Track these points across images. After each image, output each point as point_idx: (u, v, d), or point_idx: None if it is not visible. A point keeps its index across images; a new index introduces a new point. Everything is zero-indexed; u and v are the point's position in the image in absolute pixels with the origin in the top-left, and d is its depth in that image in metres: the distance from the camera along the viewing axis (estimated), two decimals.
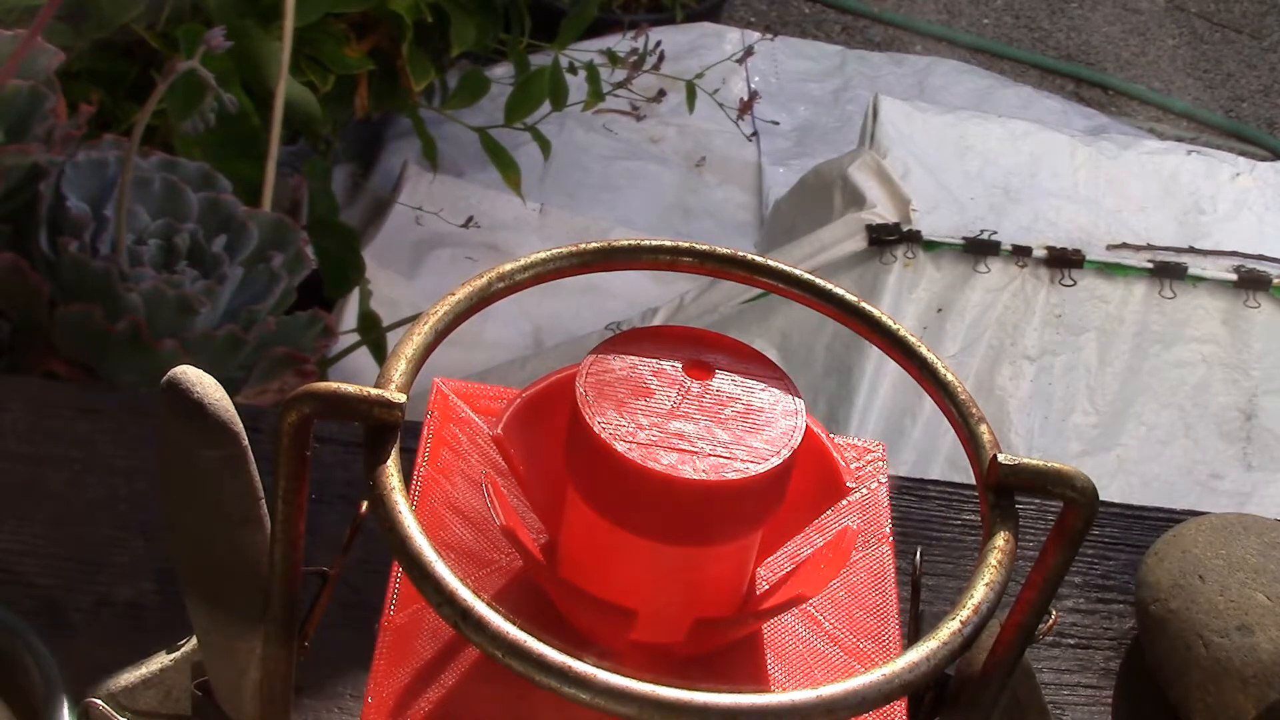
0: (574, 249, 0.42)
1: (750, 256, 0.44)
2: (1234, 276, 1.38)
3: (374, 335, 1.30)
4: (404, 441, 0.35)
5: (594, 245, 0.43)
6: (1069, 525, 0.36)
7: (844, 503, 0.45)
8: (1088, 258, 1.37)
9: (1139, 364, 1.39)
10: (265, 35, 1.23)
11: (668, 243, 0.43)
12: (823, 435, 0.43)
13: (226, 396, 0.38)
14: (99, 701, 0.47)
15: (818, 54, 2.29)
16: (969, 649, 0.34)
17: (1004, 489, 0.37)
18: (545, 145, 1.67)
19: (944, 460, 1.34)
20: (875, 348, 0.43)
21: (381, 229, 1.74)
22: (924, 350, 0.42)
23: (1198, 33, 2.72)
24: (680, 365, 0.40)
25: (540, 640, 0.31)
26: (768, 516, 0.39)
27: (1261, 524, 0.65)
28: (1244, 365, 1.38)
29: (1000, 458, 0.37)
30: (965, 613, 0.34)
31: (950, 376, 0.41)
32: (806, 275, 0.43)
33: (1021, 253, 1.36)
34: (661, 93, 1.93)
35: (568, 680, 0.30)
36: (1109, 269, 1.38)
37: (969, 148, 1.46)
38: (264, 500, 0.39)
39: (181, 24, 1.22)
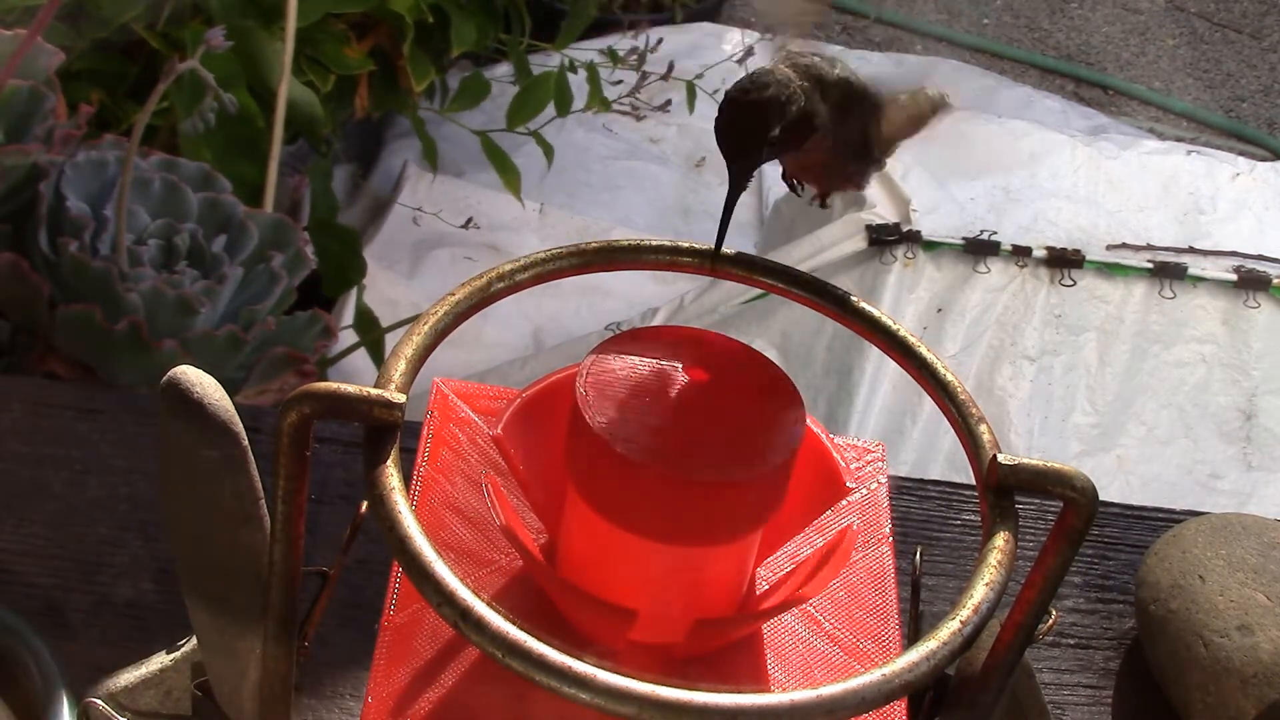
0: (574, 249, 0.42)
1: (750, 256, 0.44)
2: (1234, 276, 1.38)
3: (372, 335, 1.30)
4: (404, 441, 0.35)
5: (594, 245, 0.43)
6: (1069, 525, 0.36)
7: (844, 503, 0.45)
8: (1088, 258, 1.37)
9: (1139, 364, 1.39)
10: (266, 35, 1.23)
11: (668, 243, 0.43)
12: (823, 435, 0.43)
13: (226, 396, 0.38)
14: (99, 701, 0.47)
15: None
16: (969, 649, 0.34)
17: (1004, 489, 0.37)
18: (548, 150, 1.66)
19: (944, 460, 1.34)
20: (875, 348, 0.43)
21: (381, 229, 1.74)
22: (924, 350, 0.42)
23: (1198, 33, 2.72)
24: (680, 365, 0.40)
25: (540, 640, 0.31)
26: (768, 516, 0.39)
27: (1261, 524, 0.65)
28: (1244, 365, 1.38)
29: (1000, 458, 0.37)
30: (965, 613, 0.34)
31: (950, 376, 0.41)
32: (806, 275, 0.44)
33: (1021, 253, 1.36)
34: (668, 102, 1.93)
35: (568, 680, 0.30)
36: (1109, 269, 1.38)
37: (969, 148, 1.46)
38: (264, 500, 0.39)
39: (182, 24, 1.22)
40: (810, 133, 0.41)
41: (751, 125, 0.39)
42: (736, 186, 0.39)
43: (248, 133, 1.16)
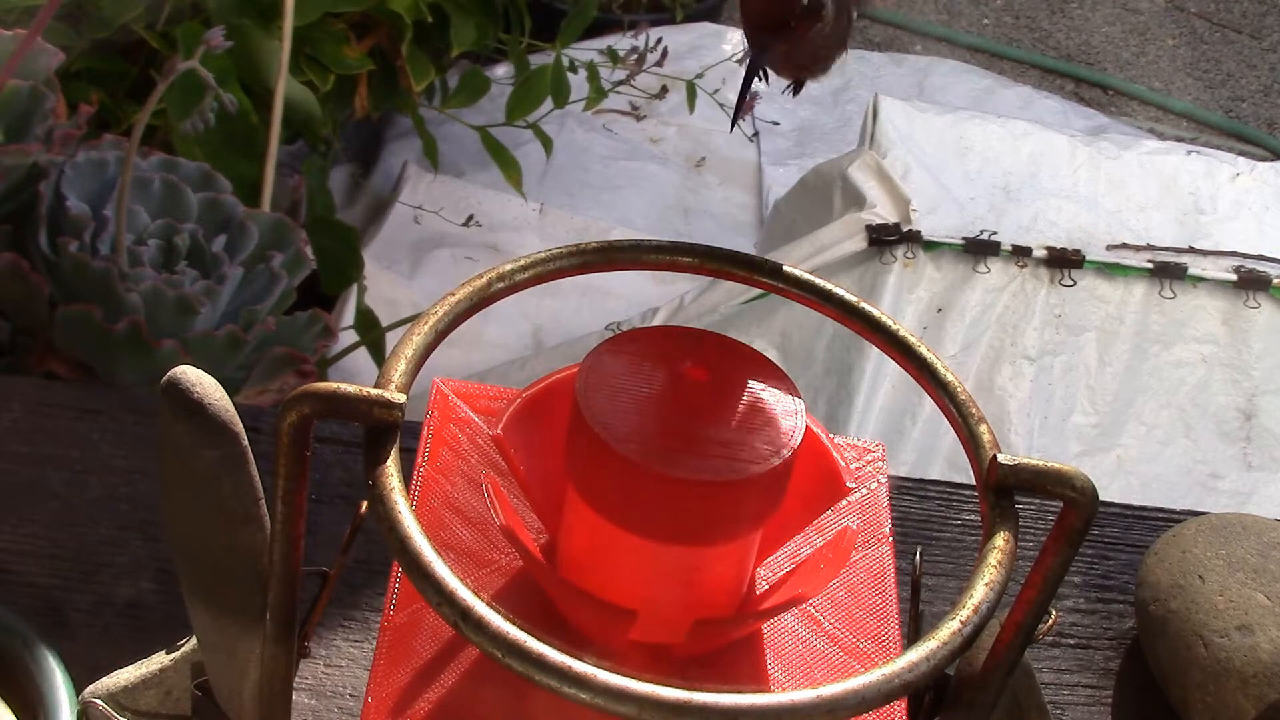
0: (574, 249, 0.42)
1: (750, 256, 0.44)
2: (1234, 276, 1.38)
3: (373, 335, 1.30)
4: (404, 441, 0.35)
5: (594, 245, 0.43)
6: (1069, 525, 0.36)
7: (844, 503, 0.45)
8: (1088, 258, 1.37)
9: (1139, 364, 1.39)
10: (265, 35, 1.23)
11: (668, 243, 0.43)
12: (823, 435, 0.43)
13: (226, 396, 0.38)
14: (99, 701, 0.47)
15: None
16: (969, 649, 0.34)
17: (1004, 489, 0.37)
18: (547, 142, 1.67)
19: (944, 460, 1.34)
20: (875, 348, 0.43)
21: (381, 229, 1.74)
22: (924, 350, 0.42)
23: (1198, 33, 2.72)
24: (680, 365, 0.40)
25: (540, 640, 0.31)
26: (768, 516, 0.39)
27: (1261, 524, 0.65)
28: (1244, 365, 1.38)
29: (1000, 458, 0.37)
30: (965, 613, 0.34)
31: (950, 376, 0.41)
32: (806, 275, 0.44)
33: (1021, 253, 1.36)
34: (664, 89, 1.93)
35: (568, 680, 0.30)
36: (1109, 269, 1.38)
37: (969, 148, 1.46)
38: (264, 500, 0.39)
39: (181, 24, 1.22)
40: (817, 21, 0.42)
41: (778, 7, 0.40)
42: (756, 63, 0.40)
43: (242, 131, 1.16)
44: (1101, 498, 0.37)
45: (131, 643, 0.58)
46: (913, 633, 0.45)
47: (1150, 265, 1.38)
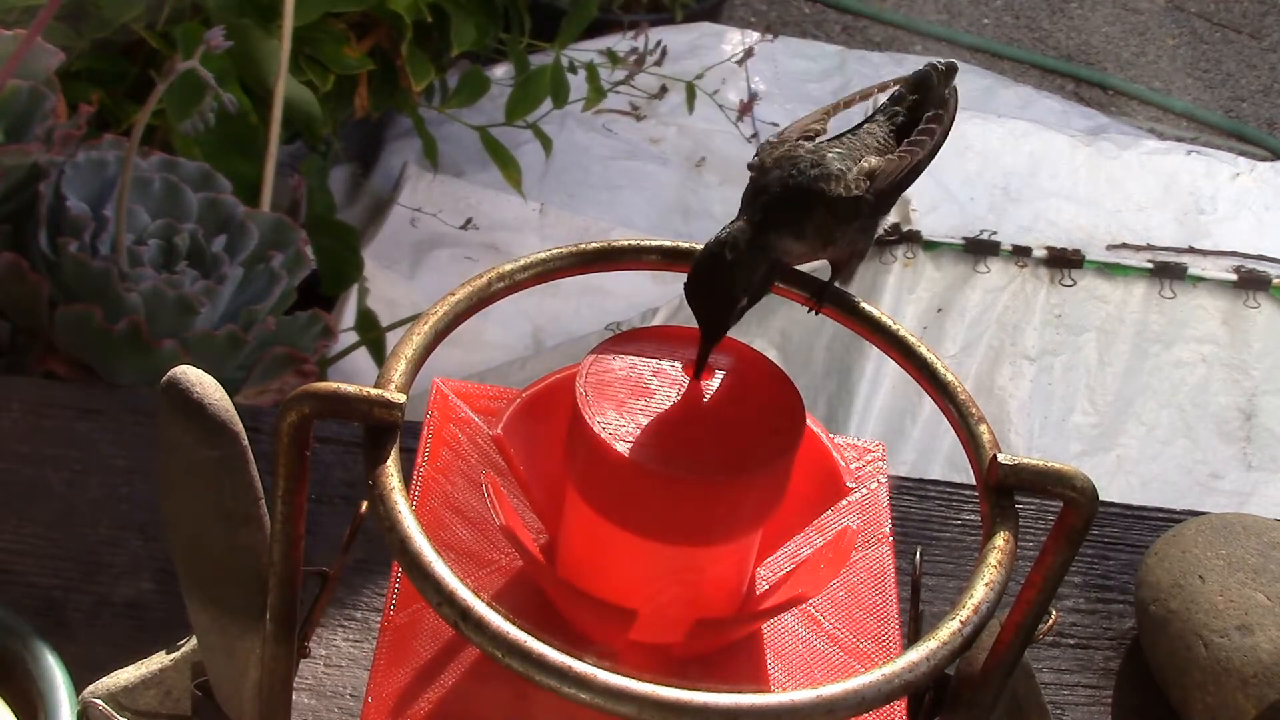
0: (574, 249, 0.42)
1: None
2: (1234, 276, 1.38)
3: (373, 335, 1.30)
4: (404, 441, 0.35)
5: (594, 245, 0.43)
6: (1069, 525, 0.36)
7: (844, 503, 0.45)
8: (1088, 258, 1.37)
9: (1139, 364, 1.39)
10: (265, 35, 1.23)
11: (668, 243, 0.43)
12: (823, 435, 0.43)
13: (226, 396, 0.38)
14: (99, 701, 0.47)
15: (818, 54, 2.29)
16: (969, 649, 0.34)
17: (1004, 489, 0.37)
18: (547, 143, 1.67)
19: (944, 460, 1.34)
20: (875, 348, 0.43)
21: (381, 229, 1.74)
22: (924, 350, 0.42)
23: (1198, 33, 2.72)
24: (680, 365, 0.40)
25: (540, 640, 0.31)
26: (768, 516, 0.39)
27: (1261, 524, 0.65)
28: (1244, 365, 1.38)
29: (1000, 458, 0.37)
30: (965, 613, 0.34)
31: (950, 376, 0.41)
32: (806, 275, 0.44)
33: (1021, 253, 1.36)
34: (664, 89, 1.93)
35: (568, 680, 0.30)
36: (1109, 269, 1.37)
37: (969, 148, 1.46)
38: (264, 500, 0.39)
39: (181, 24, 1.22)
40: (781, 275, 0.41)
41: (719, 299, 0.39)
42: (709, 341, 0.39)
43: (242, 131, 1.16)
44: (1101, 498, 0.37)
45: (131, 643, 0.58)
46: (913, 633, 0.45)
47: (1150, 265, 1.38)
